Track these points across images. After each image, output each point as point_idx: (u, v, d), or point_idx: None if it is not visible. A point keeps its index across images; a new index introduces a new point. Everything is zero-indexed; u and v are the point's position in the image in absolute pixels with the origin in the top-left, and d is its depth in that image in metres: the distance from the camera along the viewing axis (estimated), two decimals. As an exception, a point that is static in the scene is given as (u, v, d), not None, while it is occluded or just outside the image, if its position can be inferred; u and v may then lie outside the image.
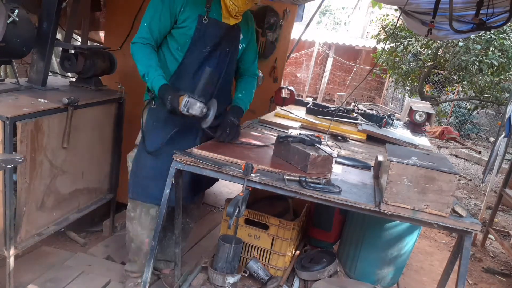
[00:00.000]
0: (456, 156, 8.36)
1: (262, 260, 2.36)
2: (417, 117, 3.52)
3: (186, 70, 2.18)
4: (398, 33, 7.17)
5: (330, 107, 3.60)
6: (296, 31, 5.27)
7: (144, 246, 2.37)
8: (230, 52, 2.26)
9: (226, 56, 2.25)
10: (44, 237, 2.30)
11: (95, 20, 3.39)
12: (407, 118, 3.66)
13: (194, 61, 2.17)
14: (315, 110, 3.32)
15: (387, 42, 7.48)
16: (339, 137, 2.76)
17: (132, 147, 2.39)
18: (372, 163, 2.19)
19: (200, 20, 2.10)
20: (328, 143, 2.55)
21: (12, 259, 2.08)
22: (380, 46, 8.70)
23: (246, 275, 2.28)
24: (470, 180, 6.72)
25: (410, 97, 7.97)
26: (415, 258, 3.58)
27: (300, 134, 2.16)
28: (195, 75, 2.16)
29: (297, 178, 1.73)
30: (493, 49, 6.30)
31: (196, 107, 1.94)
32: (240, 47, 2.33)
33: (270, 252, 2.34)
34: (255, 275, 2.29)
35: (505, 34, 6.30)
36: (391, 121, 3.16)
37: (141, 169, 2.28)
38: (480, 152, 8.79)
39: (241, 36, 2.30)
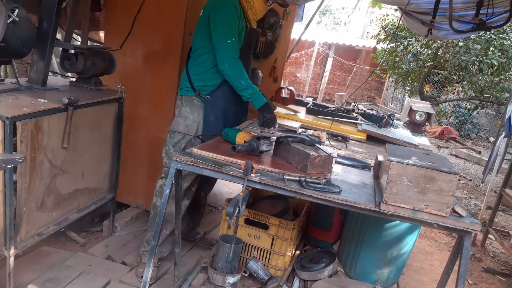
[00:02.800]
0: (456, 156, 8.36)
1: (262, 260, 2.36)
2: (417, 117, 3.52)
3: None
4: (398, 33, 7.17)
5: (330, 107, 3.60)
6: (296, 31, 5.26)
7: (171, 217, 2.45)
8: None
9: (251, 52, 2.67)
10: (44, 237, 2.30)
11: (95, 20, 3.39)
12: (407, 118, 3.66)
13: (246, 63, 2.45)
14: (315, 110, 3.32)
15: (387, 42, 7.48)
16: (339, 137, 2.76)
17: (132, 146, 2.40)
18: (372, 163, 2.19)
19: (247, 28, 2.46)
20: (332, 143, 2.56)
21: (12, 259, 2.08)
22: (380, 46, 8.70)
23: (246, 275, 2.28)
24: (470, 180, 6.71)
25: (410, 97, 7.97)
26: (415, 258, 3.58)
27: (306, 134, 2.18)
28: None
29: (297, 178, 1.73)
30: (493, 49, 6.30)
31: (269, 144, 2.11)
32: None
33: (270, 252, 2.34)
34: (255, 275, 2.29)
35: (505, 34, 6.29)
36: (391, 121, 3.16)
37: None
38: (480, 152, 8.79)
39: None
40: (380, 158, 1.98)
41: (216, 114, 2.52)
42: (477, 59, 6.35)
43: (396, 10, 6.92)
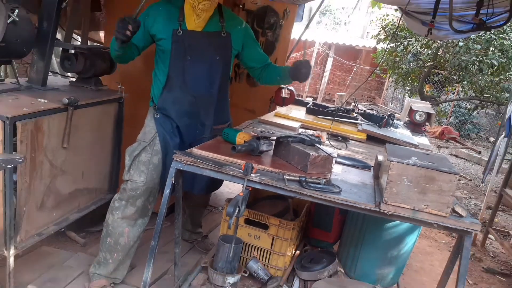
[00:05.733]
0: (456, 156, 8.36)
1: (262, 260, 2.36)
2: (417, 117, 3.52)
3: (173, 82, 2.30)
4: (398, 33, 7.17)
5: (330, 107, 3.60)
6: (296, 31, 5.26)
7: (123, 238, 2.33)
8: (222, 60, 2.35)
9: (219, 64, 2.34)
10: (44, 237, 2.30)
11: (95, 20, 3.39)
12: (407, 118, 3.66)
13: (178, 73, 2.28)
14: (315, 110, 3.32)
15: (387, 42, 7.48)
16: (339, 137, 2.76)
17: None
18: (372, 163, 2.19)
19: (174, 33, 2.22)
20: (332, 143, 2.56)
21: (12, 259, 2.08)
22: (380, 46, 8.70)
23: (246, 275, 2.28)
24: (470, 180, 6.71)
25: (410, 97, 7.97)
26: (415, 258, 3.58)
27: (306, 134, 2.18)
28: (182, 86, 2.29)
29: (297, 178, 1.73)
30: (493, 49, 6.31)
31: None
32: (233, 51, 2.40)
33: (270, 252, 2.34)
34: (255, 275, 2.29)
35: (505, 34, 6.30)
36: (391, 121, 3.15)
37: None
38: (480, 152, 8.79)
39: (232, 42, 2.37)
40: (380, 158, 1.98)
41: (170, 131, 2.35)
42: (477, 59, 6.35)
43: (396, 10, 6.91)
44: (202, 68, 2.29)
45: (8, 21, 2.05)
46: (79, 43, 2.96)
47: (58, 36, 2.69)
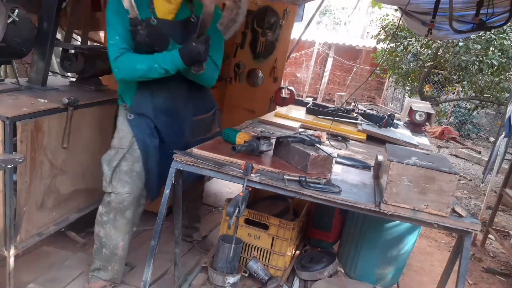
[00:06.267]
0: (456, 156, 8.35)
1: (262, 260, 2.36)
2: (417, 117, 3.52)
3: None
4: (398, 33, 7.17)
5: (330, 107, 3.60)
6: (296, 31, 5.27)
7: (118, 251, 2.29)
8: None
9: None
10: (44, 237, 2.30)
11: (95, 20, 3.39)
12: (407, 118, 3.66)
13: None
14: (315, 110, 3.32)
15: (387, 42, 7.48)
16: (339, 137, 2.76)
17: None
18: (372, 163, 2.19)
19: (148, 22, 2.03)
20: (332, 143, 2.56)
21: (12, 259, 2.08)
22: (380, 46, 8.70)
23: (246, 275, 2.28)
24: (470, 180, 6.71)
25: (410, 97, 7.97)
26: (415, 258, 3.57)
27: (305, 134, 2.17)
28: (157, 81, 2.09)
29: (297, 178, 1.73)
30: (493, 49, 6.30)
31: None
32: None
33: (270, 252, 2.34)
34: (255, 275, 2.29)
35: (505, 34, 6.30)
36: (391, 121, 3.15)
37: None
38: (480, 152, 8.79)
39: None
40: (380, 158, 1.99)
41: (147, 132, 2.19)
42: (477, 59, 6.35)
43: (396, 10, 6.92)
44: None
45: (8, 21, 2.06)
46: (79, 43, 2.96)
47: (58, 36, 2.69)
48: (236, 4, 2.03)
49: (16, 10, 2.10)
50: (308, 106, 3.47)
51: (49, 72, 2.54)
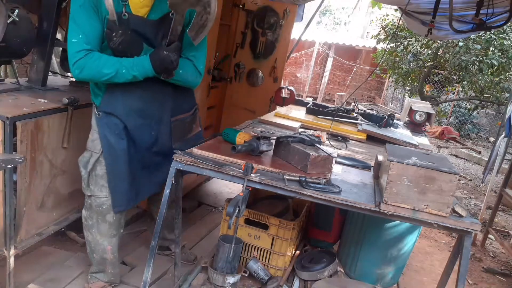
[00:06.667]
0: (456, 156, 8.36)
1: (262, 260, 2.36)
2: (417, 117, 3.52)
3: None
4: (398, 33, 7.18)
5: (330, 107, 3.60)
6: (296, 31, 5.27)
7: (107, 255, 2.27)
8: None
9: None
10: (44, 237, 2.30)
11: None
12: (407, 118, 3.66)
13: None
14: (315, 110, 3.32)
15: (387, 42, 7.48)
16: (339, 137, 2.76)
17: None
18: (372, 163, 2.19)
19: (119, 17, 1.87)
20: (332, 143, 2.56)
21: (12, 259, 2.08)
22: (380, 46, 8.71)
23: (246, 275, 2.28)
24: (470, 180, 6.72)
25: (410, 97, 7.97)
26: (415, 258, 3.58)
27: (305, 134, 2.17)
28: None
29: (297, 178, 1.73)
30: (493, 49, 6.31)
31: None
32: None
33: (270, 252, 2.34)
34: (255, 275, 2.29)
35: (505, 34, 6.30)
36: (391, 121, 3.16)
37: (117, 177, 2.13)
38: (480, 152, 8.79)
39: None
40: (380, 158, 1.98)
41: (116, 133, 2.06)
42: (477, 59, 6.36)
43: (396, 10, 6.92)
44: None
45: (8, 21, 2.06)
46: (79, 43, 2.96)
47: (58, 36, 2.69)
48: (205, 10, 1.94)
49: (16, 10, 2.11)
50: (308, 106, 3.47)
51: (49, 72, 2.54)
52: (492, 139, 9.94)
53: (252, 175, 1.71)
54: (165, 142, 2.22)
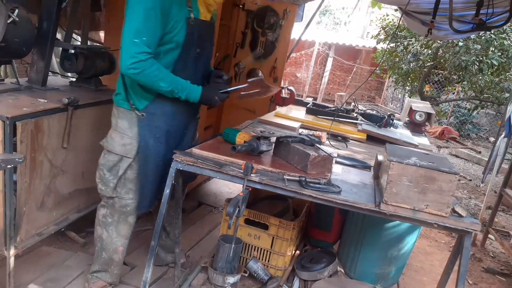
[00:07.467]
0: (456, 156, 8.35)
1: (262, 260, 2.36)
2: (417, 117, 3.52)
3: (181, 76, 2.01)
4: (398, 33, 7.18)
5: (330, 107, 3.60)
6: (296, 31, 5.27)
7: (117, 255, 2.27)
8: (211, 50, 2.20)
9: (209, 56, 2.20)
10: (44, 237, 2.30)
11: (95, 20, 3.39)
12: (407, 118, 3.66)
13: (187, 69, 2.05)
14: (315, 110, 3.32)
15: (387, 42, 7.48)
16: (339, 137, 2.76)
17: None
18: (372, 163, 2.19)
19: (188, 22, 1.94)
20: (332, 143, 2.56)
21: (12, 259, 2.08)
22: (380, 46, 8.71)
23: (246, 275, 2.29)
24: (470, 180, 6.71)
25: (410, 97, 7.97)
26: (415, 258, 3.57)
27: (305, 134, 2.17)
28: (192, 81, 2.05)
29: (297, 178, 1.73)
30: (493, 49, 6.31)
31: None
32: None
33: (270, 252, 2.34)
34: (255, 275, 2.29)
35: (505, 34, 6.30)
36: (391, 121, 3.16)
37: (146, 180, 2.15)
38: (480, 152, 8.79)
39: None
40: (380, 158, 1.99)
41: (156, 136, 2.08)
42: (477, 59, 6.36)
43: (396, 10, 6.92)
44: (204, 61, 2.14)
45: (8, 21, 2.05)
46: (79, 43, 2.96)
47: (58, 36, 2.69)
48: (268, 89, 2.32)
49: (16, 10, 2.10)
50: (308, 106, 3.47)
51: (49, 72, 2.54)
52: (492, 139, 9.94)
53: (252, 175, 1.71)
54: (189, 145, 2.23)
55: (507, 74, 6.83)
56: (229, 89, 2.14)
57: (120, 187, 2.13)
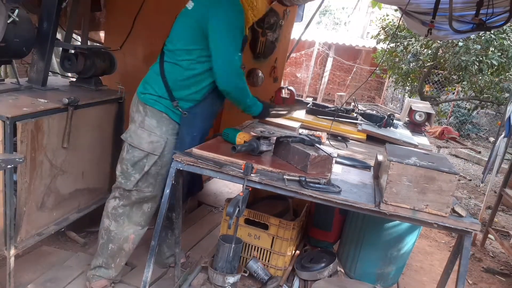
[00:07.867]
0: (456, 156, 8.36)
1: (262, 260, 2.36)
2: (417, 117, 3.52)
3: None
4: (398, 33, 7.17)
5: (330, 107, 3.60)
6: (296, 31, 5.27)
7: (127, 244, 2.31)
8: None
9: None
10: (44, 237, 2.30)
11: (95, 20, 3.39)
12: (407, 118, 3.66)
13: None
14: (315, 110, 3.32)
15: (387, 42, 7.48)
16: (339, 137, 2.76)
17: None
18: (372, 163, 2.19)
19: (245, 37, 2.18)
20: (332, 143, 2.56)
21: (12, 259, 2.08)
22: (380, 46, 8.70)
23: (246, 275, 2.28)
24: (470, 180, 6.72)
25: (410, 97, 7.97)
26: (415, 258, 3.58)
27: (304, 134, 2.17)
28: None
29: (297, 178, 1.73)
30: (493, 49, 6.31)
31: None
32: None
33: (270, 252, 2.34)
34: (255, 275, 2.29)
35: (505, 34, 6.30)
36: (391, 121, 3.16)
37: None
38: (480, 152, 8.79)
39: None
40: (380, 158, 1.99)
41: (194, 134, 2.21)
42: (477, 59, 6.36)
43: (396, 10, 6.91)
44: None
45: (8, 21, 2.06)
46: (79, 43, 2.96)
47: (58, 36, 2.69)
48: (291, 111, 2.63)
49: (16, 10, 2.10)
50: (308, 106, 3.46)
51: (49, 72, 2.54)
52: (492, 139, 9.94)
53: (252, 175, 1.71)
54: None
55: (507, 74, 6.83)
56: (280, 112, 2.45)
57: (142, 181, 2.23)
